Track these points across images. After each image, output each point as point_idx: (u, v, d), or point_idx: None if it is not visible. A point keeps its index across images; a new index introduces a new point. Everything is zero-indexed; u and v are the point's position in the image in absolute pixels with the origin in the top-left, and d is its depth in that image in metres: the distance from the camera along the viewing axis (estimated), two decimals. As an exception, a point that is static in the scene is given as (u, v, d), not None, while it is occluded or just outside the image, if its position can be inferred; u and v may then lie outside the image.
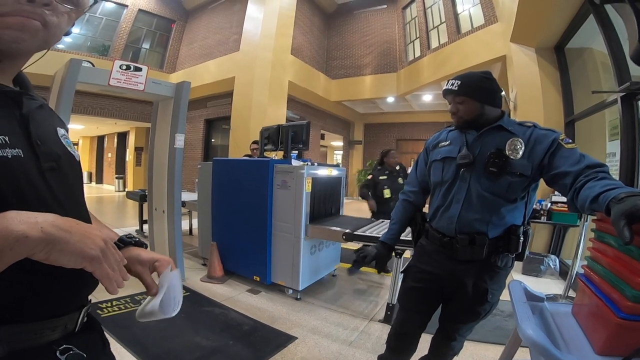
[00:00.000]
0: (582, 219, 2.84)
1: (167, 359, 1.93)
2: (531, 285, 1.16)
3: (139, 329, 2.18)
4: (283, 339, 2.24)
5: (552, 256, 3.75)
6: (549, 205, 3.70)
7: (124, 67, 2.63)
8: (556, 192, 3.75)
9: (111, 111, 9.30)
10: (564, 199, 3.57)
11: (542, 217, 3.66)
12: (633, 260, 0.75)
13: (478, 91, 1.28)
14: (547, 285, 3.43)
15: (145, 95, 2.96)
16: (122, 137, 12.51)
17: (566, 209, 3.56)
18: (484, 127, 1.30)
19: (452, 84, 1.30)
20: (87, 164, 14.94)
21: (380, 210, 5.03)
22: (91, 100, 8.71)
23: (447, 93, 1.33)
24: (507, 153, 1.20)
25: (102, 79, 2.61)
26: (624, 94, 2.66)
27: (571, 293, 2.96)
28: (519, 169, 1.20)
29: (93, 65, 2.70)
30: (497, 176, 1.22)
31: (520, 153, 1.19)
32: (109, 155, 13.70)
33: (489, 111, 1.29)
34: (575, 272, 2.80)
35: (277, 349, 2.12)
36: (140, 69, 2.73)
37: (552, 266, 3.66)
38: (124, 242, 0.71)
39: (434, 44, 8.72)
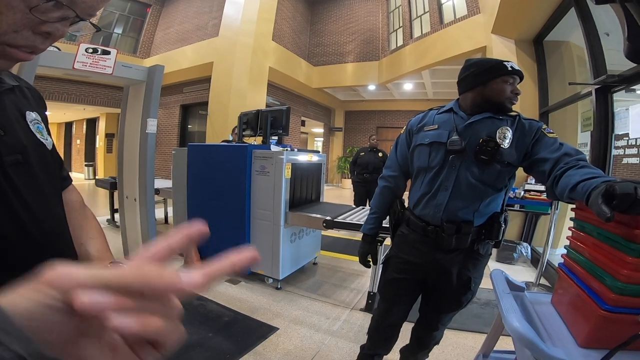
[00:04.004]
0: (553, 207, 2.93)
1: (143, 354, 1.85)
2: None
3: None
4: (264, 330, 2.21)
5: (525, 244, 3.86)
6: (522, 193, 3.80)
7: (90, 51, 2.49)
8: (529, 180, 3.87)
9: (79, 97, 8.89)
10: (537, 187, 3.74)
11: (515, 205, 3.76)
12: (616, 251, 0.75)
13: None
14: (520, 273, 3.52)
15: (114, 79, 2.81)
16: (92, 123, 11.96)
17: (539, 197, 3.67)
18: (481, 113, 1.26)
19: (517, 66, 1.24)
20: (54, 151, 14.20)
21: (358, 192, 5.24)
22: (56, 86, 8.27)
23: (516, 74, 1.23)
24: (498, 141, 1.19)
25: (66, 63, 2.46)
26: (599, 86, 2.73)
27: (542, 281, 3.08)
28: (508, 158, 1.19)
29: (59, 50, 2.54)
30: (487, 164, 1.20)
31: (508, 142, 1.19)
32: (78, 142, 13.05)
33: None
34: (546, 260, 2.90)
35: (259, 340, 2.09)
36: (108, 52, 2.58)
37: (525, 254, 3.77)
38: None
39: (417, 33, 8.71)
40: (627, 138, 2.53)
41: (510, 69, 1.22)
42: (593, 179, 0.84)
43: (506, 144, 1.18)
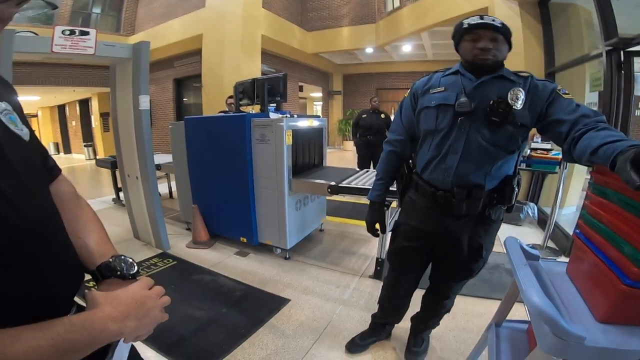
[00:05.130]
0: (561, 167, 2.89)
1: (163, 335, 1.86)
2: (512, 234, 1.15)
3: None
4: (276, 302, 2.25)
5: (531, 204, 3.81)
6: (528, 152, 3.74)
7: (67, 33, 2.39)
8: (535, 139, 3.80)
9: (67, 79, 8.71)
10: (544, 146, 3.67)
11: (522, 164, 3.71)
12: (640, 220, 0.71)
13: (510, 36, 1.20)
14: (527, 235, 3.48)
15: (98, 59, 2.72)
16: (84, 104, 11.71)
17: (546, 155, 3.61)
18: (489, 74, 1.20)
19: (493, 20, 1.16)
20: (51, 135, 14.09)
21: (362, 155, 5.20)
22: (42, 71, 8.09)
23: (483, 27, 1.15)
24: (510, 103, 1.14)
25: (44, 47, 2.37)
26: (610, 48, 2.65)
27: (550, 243, 3.09)
28: (521, 119, 1.15)
29: (36, 35, 2.43)
30: (498, 126, 1.16)
31: (521, 103, 1.14)
32: (73, 123, 12.84)
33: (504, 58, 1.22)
34: (554, 221, 2.90)
35: (271, 313, 2.12)
36: (87, 33, 2.48)
37: (531, 214, 3.72)
38: (102, 274, 0.61)
39: (415, -7, 8.25)
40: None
41: (467, 25, 1.18)
42: (616, 142, 0.79)
43: (519, 105, 1.14)
